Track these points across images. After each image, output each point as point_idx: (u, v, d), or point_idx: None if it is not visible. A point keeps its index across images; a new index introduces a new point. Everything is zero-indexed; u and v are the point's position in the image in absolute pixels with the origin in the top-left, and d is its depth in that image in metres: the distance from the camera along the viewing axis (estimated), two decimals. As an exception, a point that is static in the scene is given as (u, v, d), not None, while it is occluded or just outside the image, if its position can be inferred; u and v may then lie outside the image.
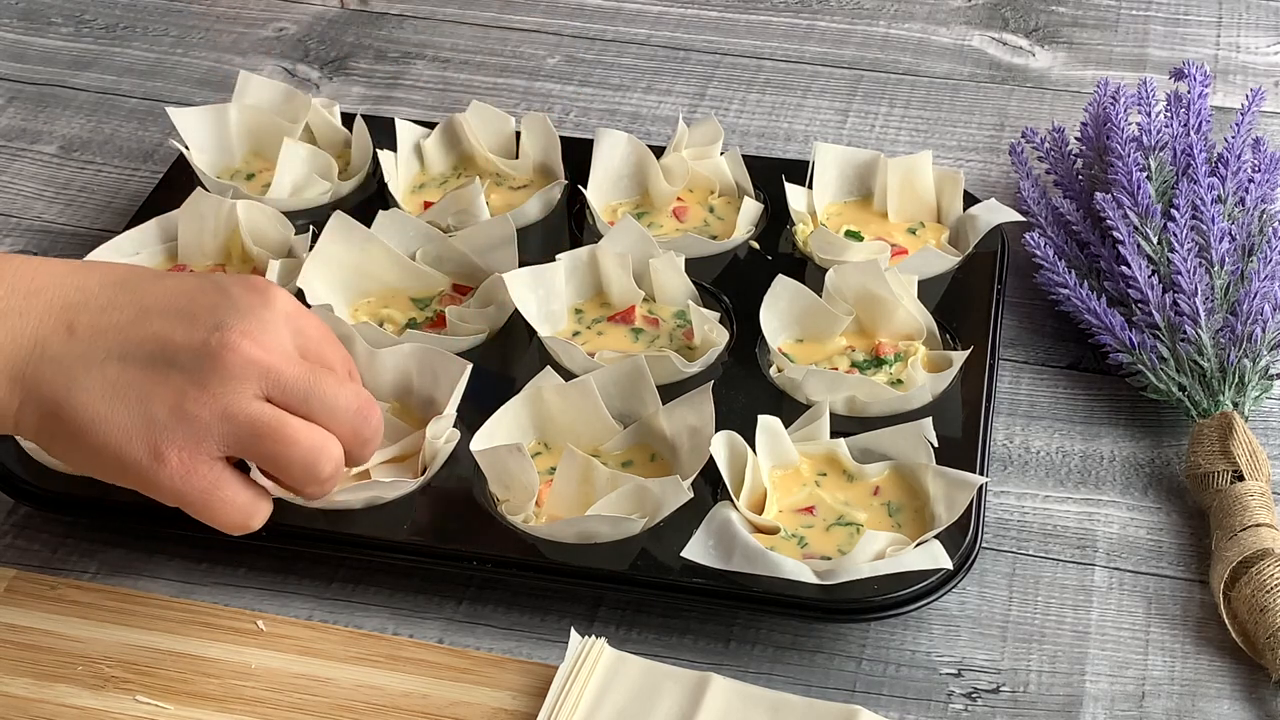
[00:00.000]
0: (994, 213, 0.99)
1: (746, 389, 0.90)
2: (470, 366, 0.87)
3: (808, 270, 0.98)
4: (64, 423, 0.69)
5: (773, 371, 0.91)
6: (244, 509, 0.71)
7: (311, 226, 0.99)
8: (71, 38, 1.28)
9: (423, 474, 0.85)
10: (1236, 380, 0.89)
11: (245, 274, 0.70)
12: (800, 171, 1.03)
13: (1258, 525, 0.82)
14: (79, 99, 1.21)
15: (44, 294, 0.69)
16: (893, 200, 1.01)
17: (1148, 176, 0.97)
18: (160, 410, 0.68)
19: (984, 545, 0.83)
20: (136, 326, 0.69)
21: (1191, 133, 1.00)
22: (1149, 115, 1.02)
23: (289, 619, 0.81)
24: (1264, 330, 0.90)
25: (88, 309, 0.69)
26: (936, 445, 0.84)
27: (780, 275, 0.93)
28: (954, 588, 0.80)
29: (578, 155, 1.04)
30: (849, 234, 1.00)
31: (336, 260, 0.94)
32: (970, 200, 1.01)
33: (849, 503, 0.84)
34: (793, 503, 0.84)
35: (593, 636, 0.78)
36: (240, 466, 0.72)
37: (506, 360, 0.93)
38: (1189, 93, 1.03)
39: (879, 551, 0.79)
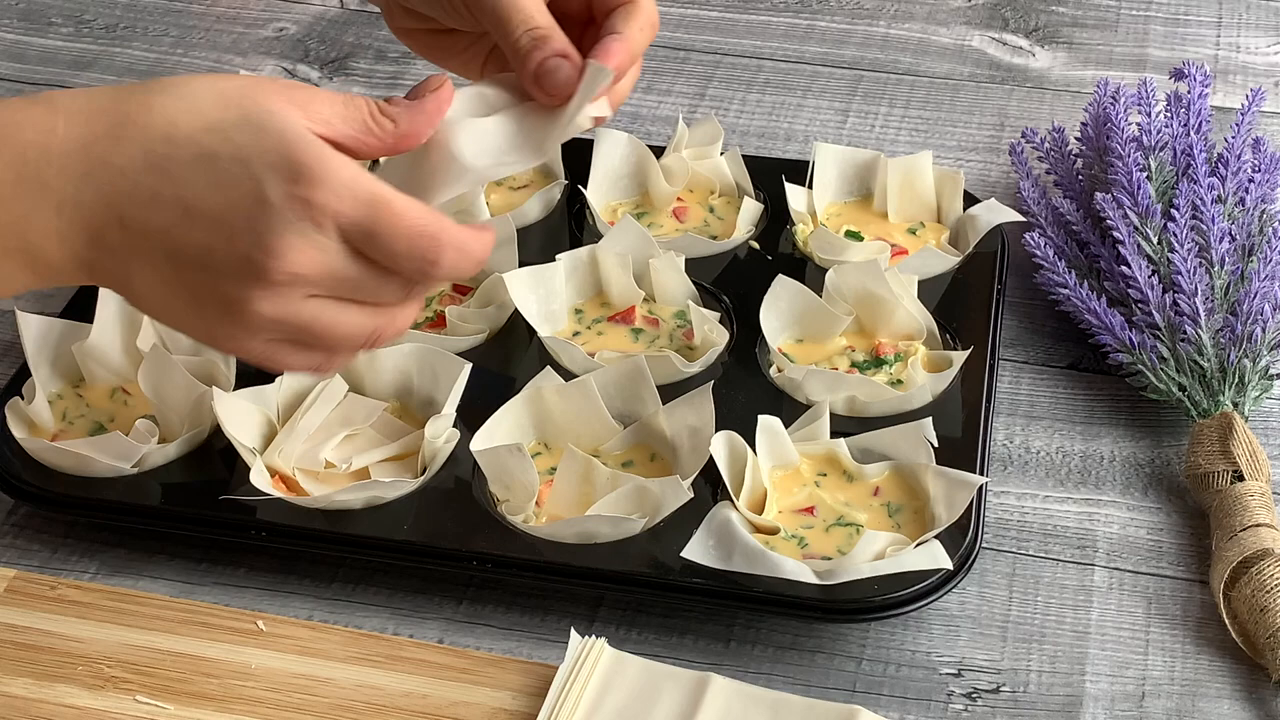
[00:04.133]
0: (994, 213, 0.99)
1: (746, 389, 0.90)
2: (470, 366, 0.87)
3: (808, 270, 0.98)
4: (131, 298, 0.71)
5: (773, 371, 0.91)
6: (307, 367, 0.72)
7: (311, 226, 0.98)
8: (71, 38, 1.28)
9: (423, 474, 0.85)
10: (1236, 380, 0.89)
11: (288, 162, 0.67)
12: (800, 171, 1.03)
13: (1258, 525, 0.82)
14: (79, 99, 1.21)
15: (92, 180, 0.68)
16: (893, 200, 1.01)
17: (1148, 176, 0.97)
18: (211, 313, 0.69)
19: (984, 545, 0.83)
20: (179, 230, 0.68)
21: (1191, 133, 1.00)
22: (1149, 115, 1.02)
23: (289, 619, 0.81)
24: (1264, 330, 0.90)
25: (135, 201, 0.68)
26: (936, 445, 0.84)
27: (780, 275, 0.93)
28: (954, 588, 0.80)
29: (578, 155, 1.04)
30: (849, 234, 1.00)
31: (336, 260, 0.94)
32: (970, 200, 1.01)
33: (849, 503, 0.84)
34: (793, 503, 0.84)
35: (593, 636, 0.78)
36: None
37: (506, 360, 0.93)
38: (1189, 93, 1.03)
39: (879, 551, 0.79)
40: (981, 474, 0.84)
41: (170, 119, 0.69)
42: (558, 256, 0.95)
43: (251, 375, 0.89)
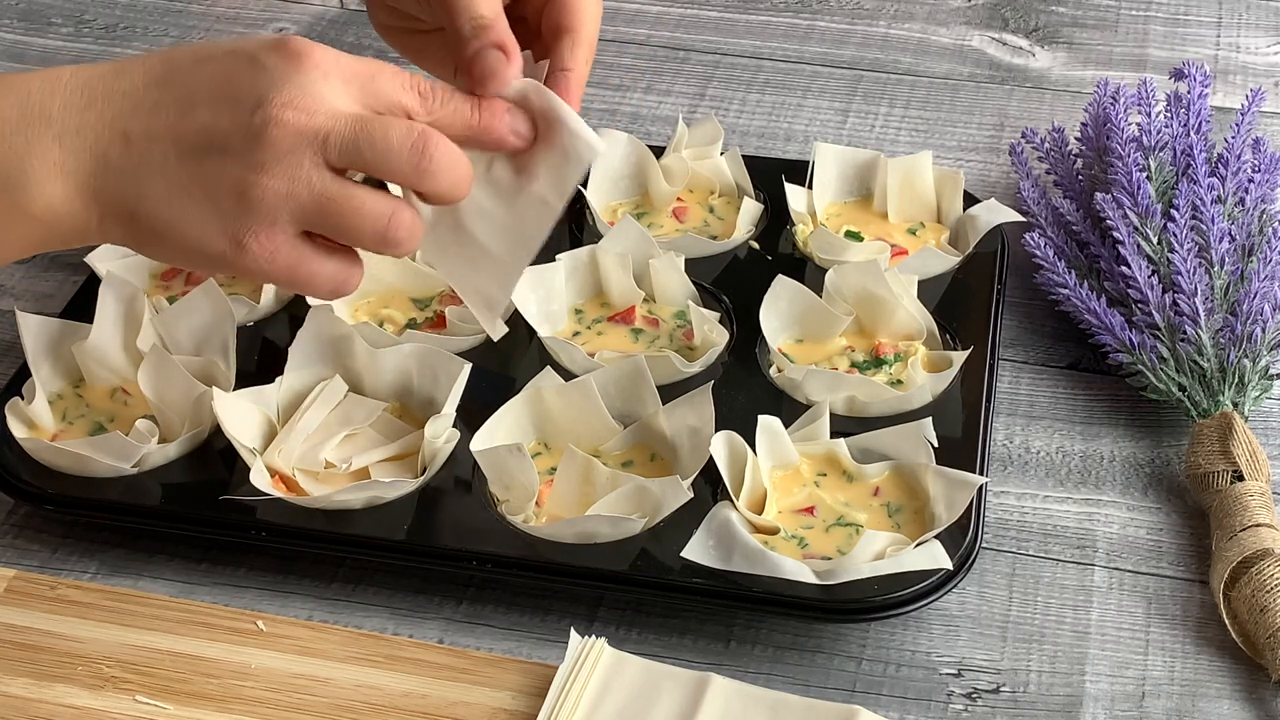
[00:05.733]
0: (994, 213, 0.99)
1: (746, 389, 0.90)
2: (470, 366, 0.87)
3: (808, 270, 0.98)
4: (143, 229, 0.70)
5: (773, 371, 0.91)
6: (333, 278, 0.71)
7: (311, 226, 0.99)
8: (71, 38, 1.28)
9: (423, 474, 0.85)
10: (1236, 380, 0.89)
11: (276, 37, 0.69)
12: (800, 171, 1.03)
13: (1258, 525, 0.81)
14: (79, 99, 1.21)
15: (95, 107, 0.69)
16: (893, 200, 1.01)
17: (1148, 176, 0.97)
18: (227, 201, 0.68)
19: (984, 545, 0.83)
20: (185, 121, 0.69)
21: (1191, 133, 1.00)
22: (1149, 115, 1.02)
23: (289, 619, 0.81)
24: (1264, 330, 0.90)
25: (138, 113, 0.69)
26: (936, 445, 0.84)
27: (780, 275, 0.93)
28: (954, 588, 0.80)
29: (578, 155, 1.03)
30: (849, 234, 1.00)
31: (336, 260, 0.94)
32: (970, 200, 1.01)
33: (849, 503, 0.84)
34: (793, 503, 0.84)
35: (593, 636, 0.78)
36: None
37: (506, 360, 0.93)
38: (1189, 93, 1.03)
39: (879, 551, 0.79)
40: (981, 474, 0.84)
41: (167, 52, 0.71)
42: (558, 257, 0.95)
43: (251, 375, 0.89)
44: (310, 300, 0.92)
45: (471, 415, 0.86)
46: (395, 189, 0.72)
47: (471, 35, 0.74)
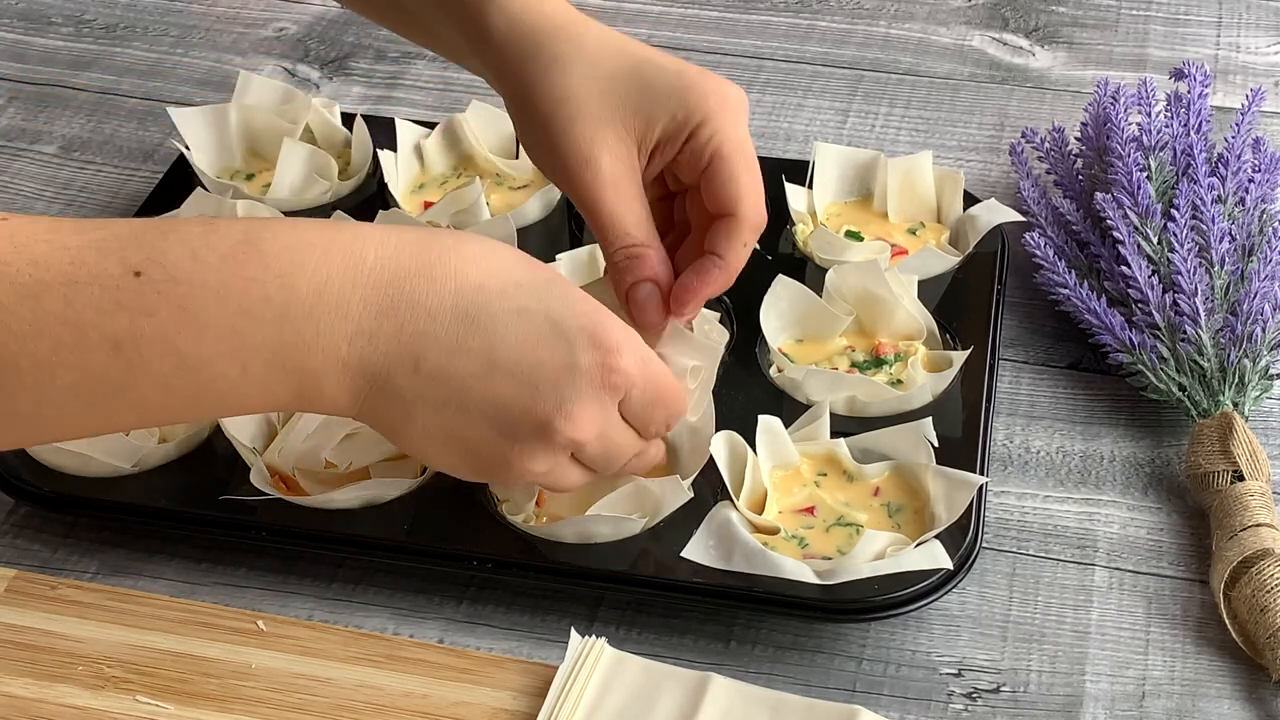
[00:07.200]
0: (994, 213, 0.99)
1: (746, 389, 0.90)
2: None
3: (808, 270, 0.98)
4: (399, 441, 0.73)
5: (773, 371, 0.91)
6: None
7: (312, 226, 0.99)
8: (71, 38, 1.28)
9: (423, 474, 0.85)
10: (1236, 380, 0.89)
11: (597, 328, 0.70)
12: (800, 171, 1.03)
13: (1258, 525, 0.82)
14: (79, 99, 1.21)
15: (395, 316, 0.67)
16: (893, 200, 1.01)
17: (1148, 176, 0.97)
18: (485, 466, 0.73)
19: (984, 545, 0.83)
20: (481, 382, 0.69)
21: (1191, 133, 1.00)
22: (1149, 115, 1.02)
23: (289, 619, 0.81)
24: (1264, 330, 0.90)
25: (436, 346, 0.68)
26: (936, 445, 0.84)
27: (780, 275, 0.93)
28: (954, 588, 0.80)
29: (578, 155, 1.03)
30: (849, 234, 1.00)
31: (336, 260, 0.94)
32: (970, 200, 1.01)
33: (849, 503, 0.84)
34: (793, 503, 0.84)
35: (593, 636, 0.78)
36: None
37: (506, 360, 0.93)
38: (1189, 93, 1.03)
39: (879, 551, 0.79)
40: (981, 474, 0.84)
41: (483, 268, 0.69)
42: (558, 257, 0.95)
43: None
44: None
45: (472, 415, 0.86)
46: None
47: (625, 268, 0.78)
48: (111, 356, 0.64)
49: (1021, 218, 0.99)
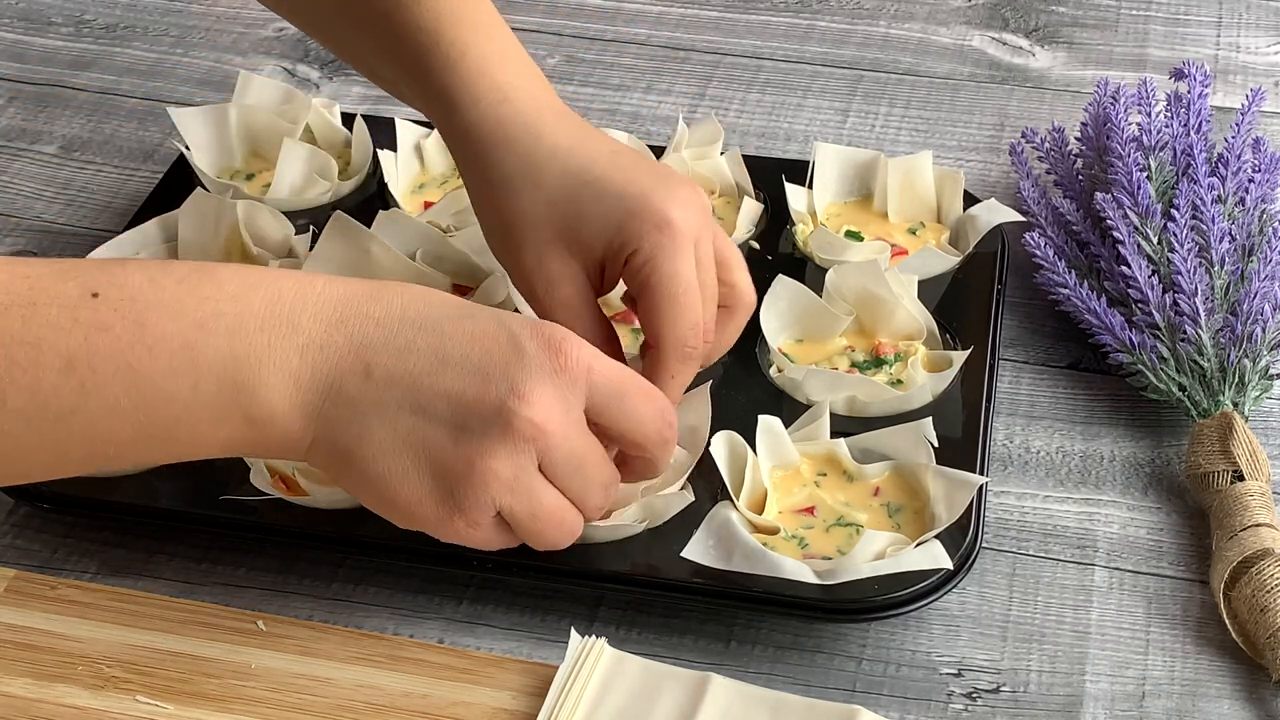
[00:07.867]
0: (994, 213, 0.99)
1: (746, 389, 0.90)
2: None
3: (808, 270, 0.98)
4: (353, 468, 0.70)
5: (773, 371, 0.91)
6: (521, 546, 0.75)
7: (311, 226, 0.99)
8: (71, 38, 1.28)
9: (423, 474, 0.85)
10: (1236, 380, 0.89)
11: (542, 324, 0.71)
12: (800, 171, 1.03)
13: (1258, 525, 0.82)
14: (79, 99, 1.21)
15: (346, 326, 0.69)
16: (893, 200, 1.01)
17: (1148, 176, 0.97)
18: (448, 477, 0.70)
19: (984, 545, 0.83)
20: (432, 378, 0.69)
21: (1191, 133, 1.00)
22: (1149, 115, 1.02)
23: (289, 619, 0.81)
24: (1264, 330, 0.90)
25: (386, 349, 0.69)
26: (936, 445, 0.84)
27: (780, 275, 0.93)
28: (954, 588, 0.80)
29: (578, 155, 1.03)
30: (849, 234, 1.00)
31: (336, 260, 0.94)
32: (970, 200, 1.01)
33: (849, 503, 0.84)
34: (793, 503, 0.84)
35: (593, 636, 0.78)
36: None
37: (506, 360, 0.93)
38: (1189, 93, 1.03)
39: (879, 551, 0.79)
40: (981, 474, 0.84)
41: (428, 295, 0.71)
42: (558, 256, 0.95)
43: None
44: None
45: (472, 415, 0.86)
46: None
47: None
48: (64, 375, 0.65)
49: (1021, 218, 0.99)
